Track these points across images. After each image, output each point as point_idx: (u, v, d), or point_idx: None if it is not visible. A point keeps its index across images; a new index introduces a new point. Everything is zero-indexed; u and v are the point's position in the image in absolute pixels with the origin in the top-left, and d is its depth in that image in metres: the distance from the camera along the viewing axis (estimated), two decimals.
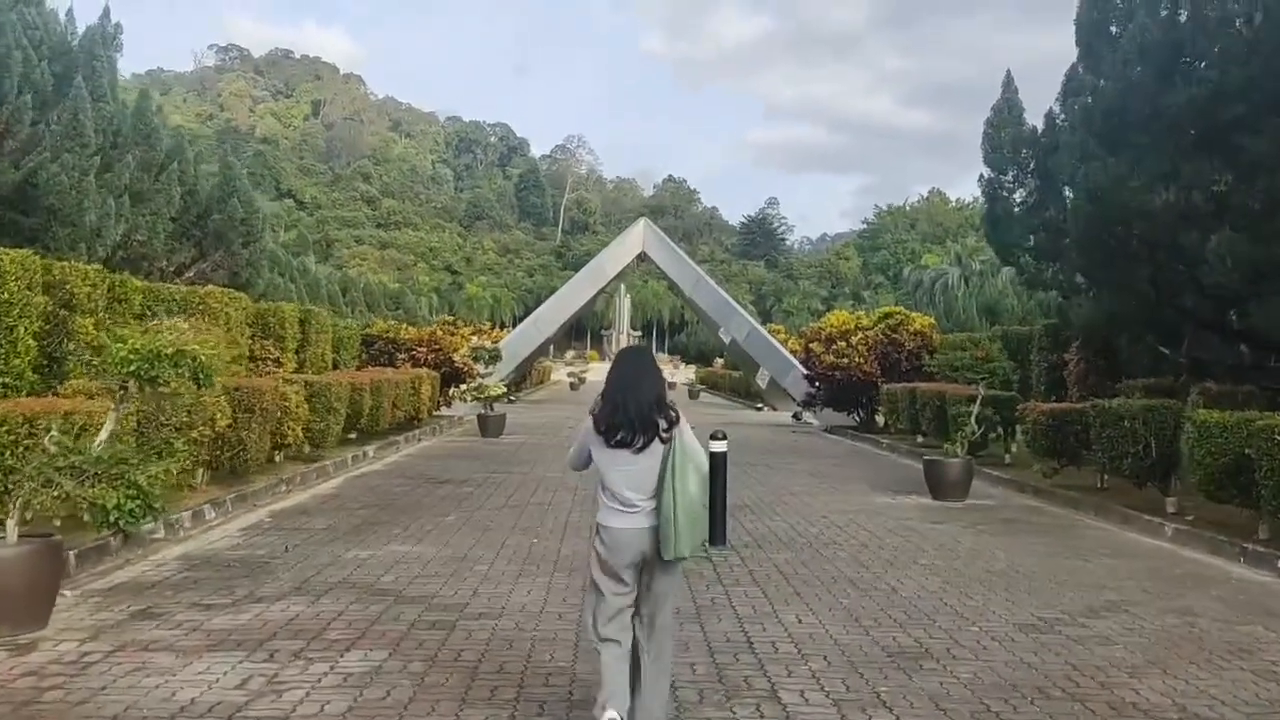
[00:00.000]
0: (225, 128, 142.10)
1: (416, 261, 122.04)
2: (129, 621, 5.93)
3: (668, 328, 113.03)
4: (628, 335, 77.56)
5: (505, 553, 8.25)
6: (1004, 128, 15.78)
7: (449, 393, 23.31)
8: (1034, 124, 15.71)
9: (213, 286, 14.34)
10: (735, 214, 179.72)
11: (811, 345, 24.96)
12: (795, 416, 28.69)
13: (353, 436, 16.60)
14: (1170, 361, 15.78)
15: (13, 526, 5.73)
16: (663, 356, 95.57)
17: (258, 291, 19.85)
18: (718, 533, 9.50)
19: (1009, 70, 16.05)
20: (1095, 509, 11.43)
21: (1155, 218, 11.05)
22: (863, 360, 23.13)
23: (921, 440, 18.75)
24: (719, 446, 9.38)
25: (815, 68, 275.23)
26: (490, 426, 20.38)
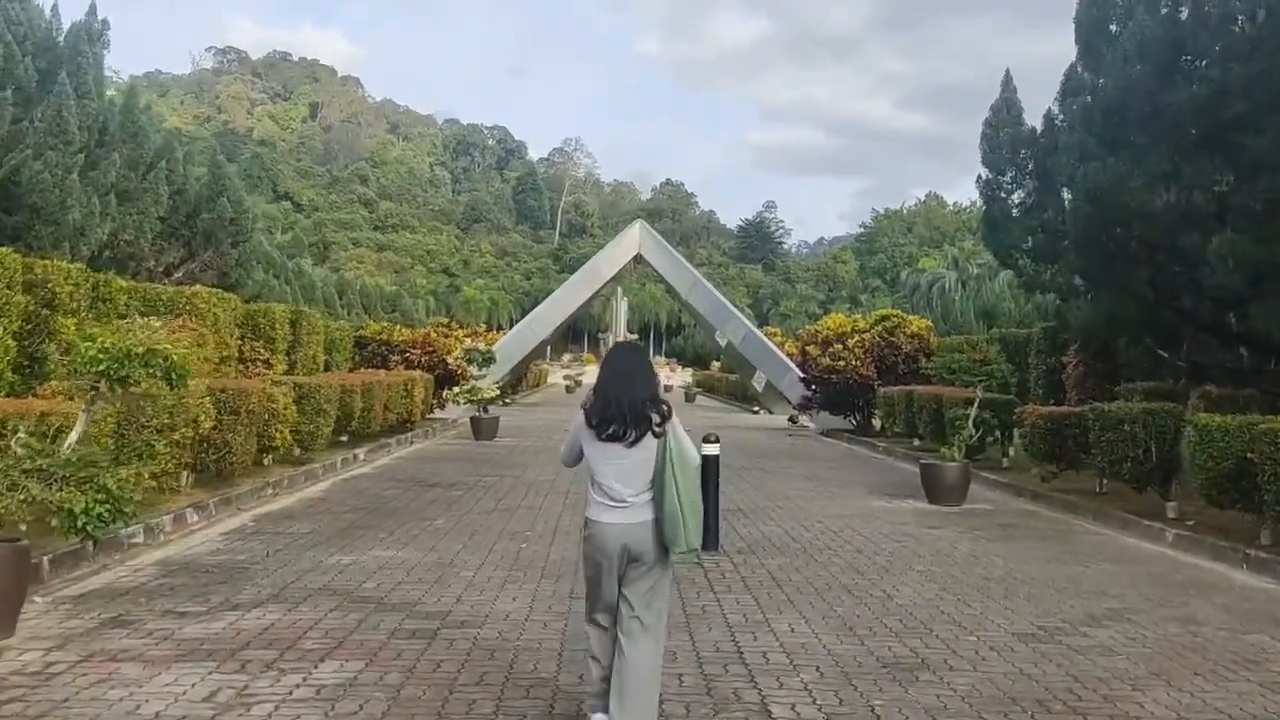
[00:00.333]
0: (223, 130, 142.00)
1: (414, 264, 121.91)
2: (98, 629, 5.74)
3: (665, 331, 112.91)
4: (625, 338, 77.28)
5: (492, 558, 8.06)
6: (1003, 128, 15.63)
7: (442, 395, 23.11)
8: (1033, 124, 15.59)
9: (200, 287, 14.15)
10: (733, 217, 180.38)
11: (808, 348, 24.81)
12: (791, 420, 28.54)
13: (344, 439, 16.44)
14: (1169, 364, 15.64)
15: None
16: (660, 359, 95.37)
17: (248, 292, 19.66)
18: (710, 538, 9.33)
19: (1008, 70, 15.90)
20: (1094, 514, 11.29)
21: (1155, 218, 10.88)
22: (859, 363, 23.00)
23: (918, 443, 18.61)
24: (712, 450, 9.15)
25: (813, 70, 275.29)
26: (483, 429, 20.19)
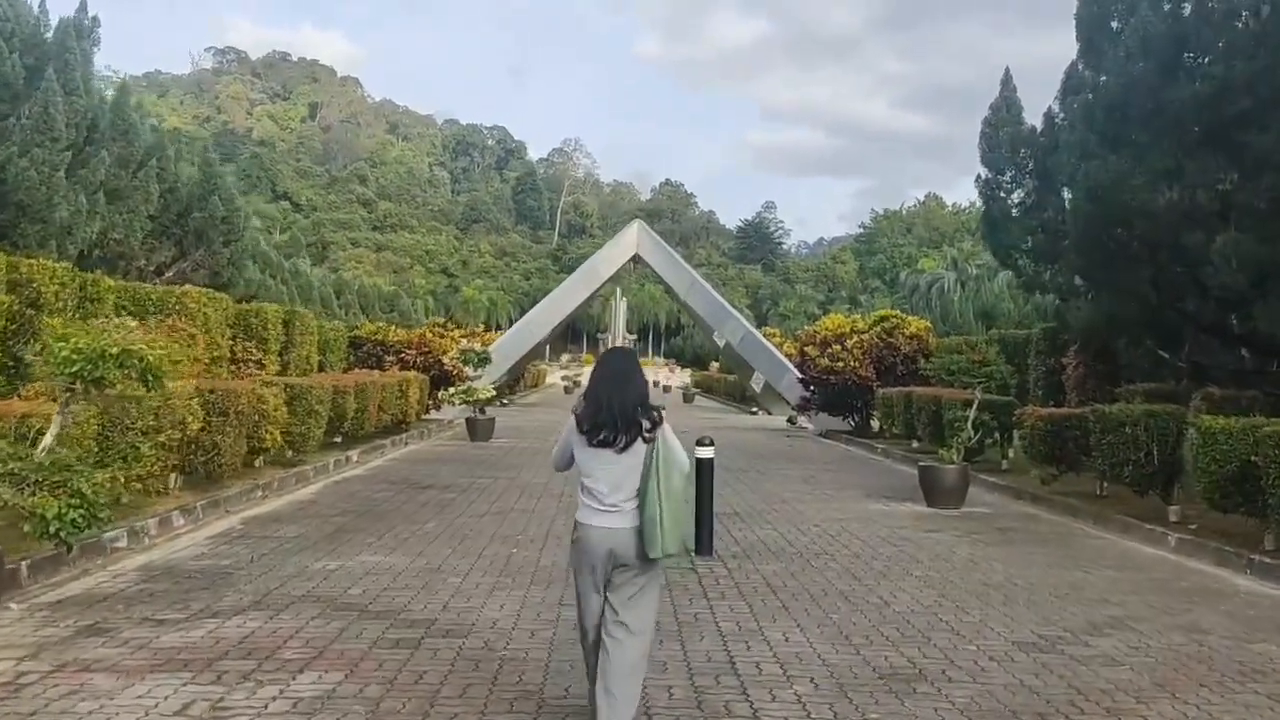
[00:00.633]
0: (222, 130, 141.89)
1: (413, 264, 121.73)
2: (73, 638, 5.58)
3: (664, 331, 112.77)
4: (623, 339, 77.06)
5: (482, 563, 7.89)
6: (1002, 127, 15.49)
7: (438, 396, 22.94)
8: (1032, 123, 15.45)
9: (190, 286, 13.98)
10: (732, 218, 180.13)
11: (807, 349, 24.66)
12: (790, 421, 28.38)
13: (337, 440, 16.29)
14: (1170, 366, 15.48)
15: None
16: (658, 360, 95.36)
17: (240, 291, 19.47)
18: (704, 542, 9.14)
19: (1007, 68, 15.76)
20: (1095, 517, 11.13)
21: (1158, 217, 10.72)
22: (858, 364, 22.85)
23: (917, 445, 18.47)
24: (706, 453, 8.94)
25: (812, 71, 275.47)
26: (479, 430, 20.01)
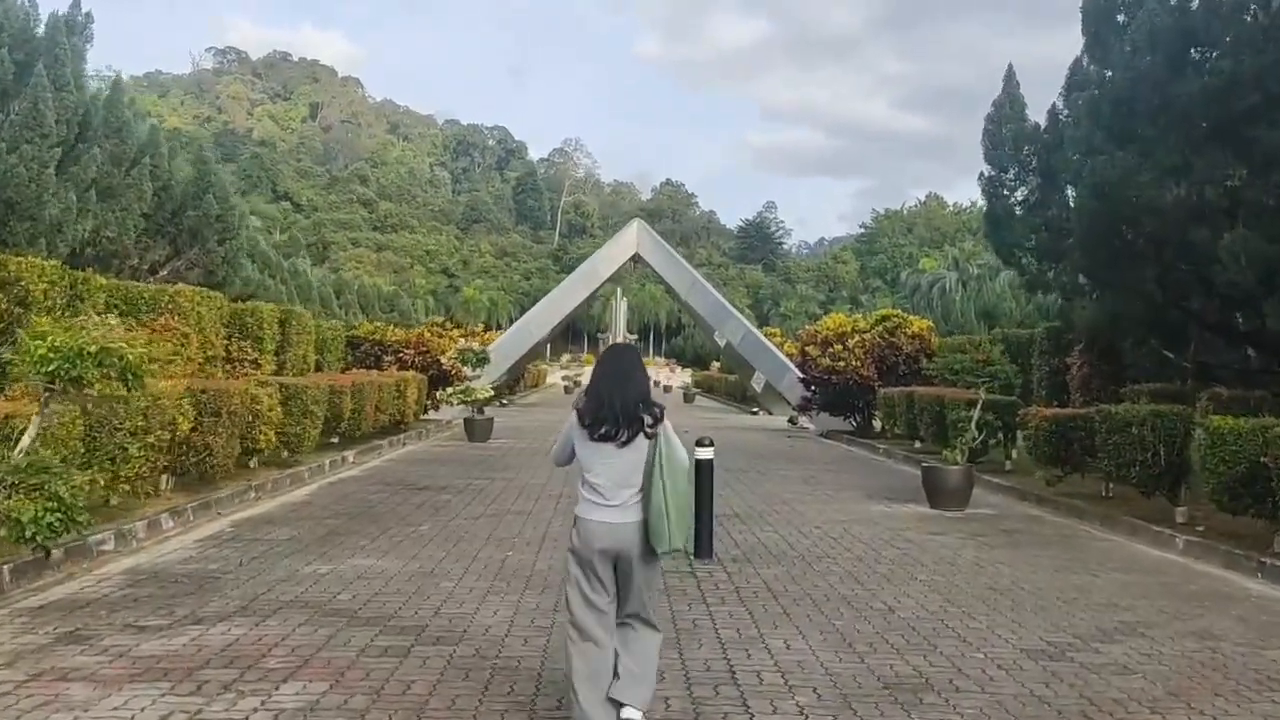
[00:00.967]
0: (223, 130, 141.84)
1: (413, 264, 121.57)
2: (52, 645, 5.41)
3: (664, 331, 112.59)
4: (624, 339, 76.89)
5: (476, 567, 7.72)
6: (1005, 124, 15.33)
7: (436, 396, 22.76)
8: (1036, 120, 15.29)
9: (183, 285, 13.79)
10: (733, 218, 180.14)
11: (808, 348, 24.47)
12: (791, 421, 28.21)
13: (334, 441, 16.13)
14: (1175, 365, 15.32)
15: None
16: (659, 360, 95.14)
17: (236, 290, 19.27)
18: (703, 545, 8.93)
19: (1010, 65, 15.62)
20: (1101, 519, 10.96)
21: (1165, 214, 10.54)
22: (859, 364, 22.67)
23: (919, 445, 18.30)
24: (705, 454, 8.72)
25: (813, 71, 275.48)
26: (477, 431, 19.84)
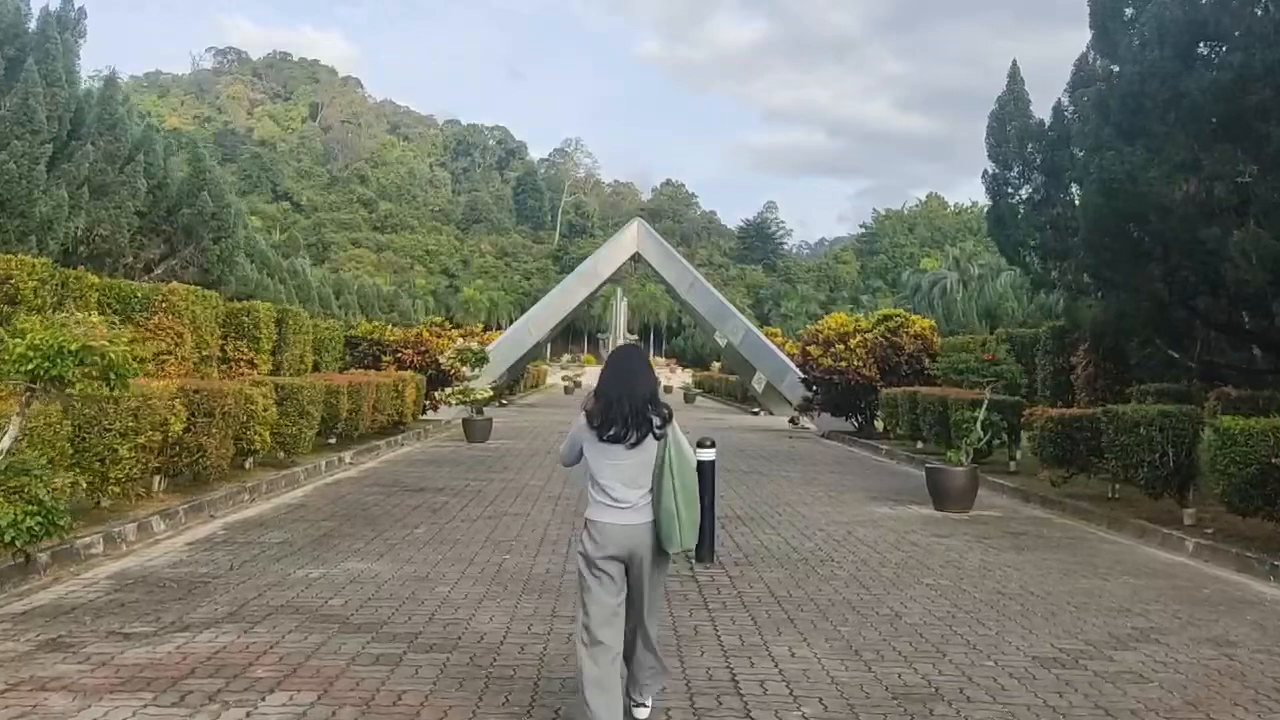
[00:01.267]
0: (223, 130, 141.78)
1: (413, 264, 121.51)
2: (33, 653, 5.24)
3: (665, 331, 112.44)
4: (624, 339, 76.72)
5: (472, 571, 7.55)
6: (1009, 121, 15.14)
7: (435, 396, 22.59)
8: (1040, 117, 15.11)
9: (177, 284, 13.62)
10: (734, 218, 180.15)
11: (809, 348, 24.28)
12: (792, 421, 28.03)
13: (332, 441, 15.97)
14: (1180, 365, 15.14)
15: None
16: (659, 360, 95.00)
17: (232, 290, 19.07)
18: (705, 548, 8.74)
19: (1014, 60, 15.42)
20: (1108, 521, 10.80)
21: (1173, 211, 10.36)
22: (861, 363, 22.49)
23: (921, 446, 18.13)
24: (706, 455, 8.53)
25: (813, 72, 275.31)
26: (476, 431, 19.66)
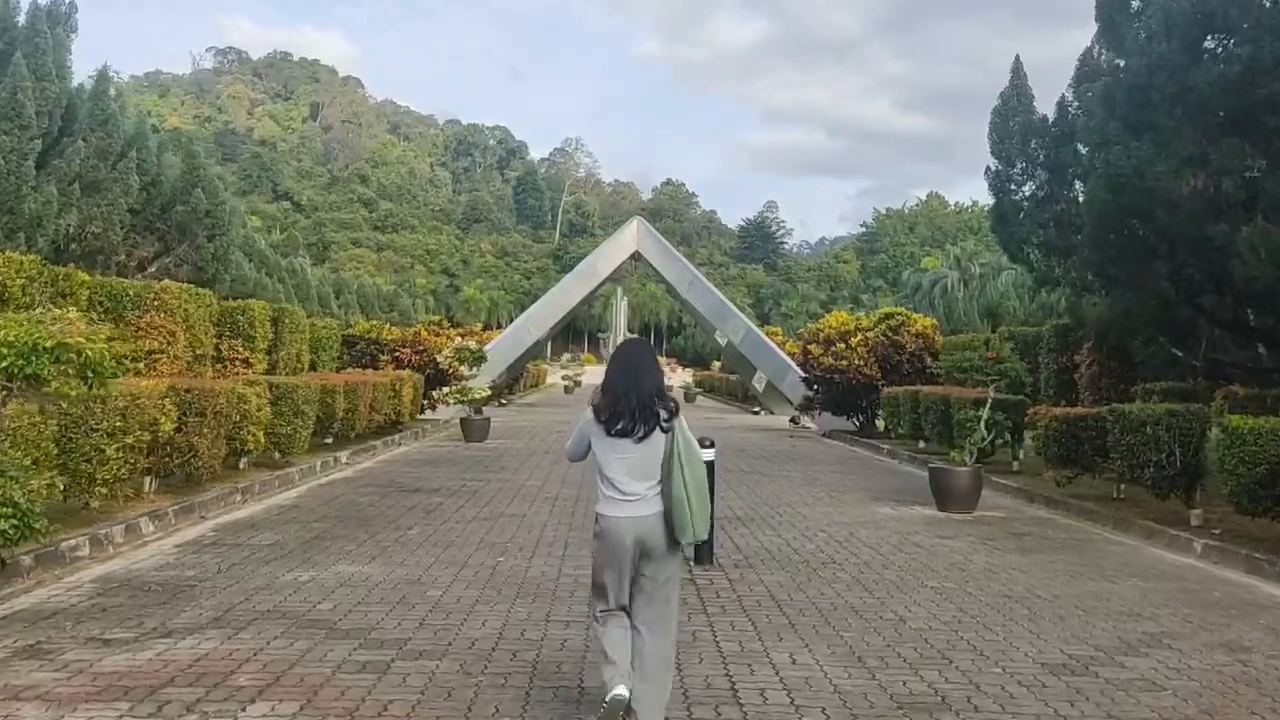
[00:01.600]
0: (223, 130, 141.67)
1: (414, 264, 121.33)
2: (9, 660, 5.07)
3: (665, 331, 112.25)
4: (625, 338, 76.72)
5: (465, 574, 7.38)
6: (1013, 117, 14.99)
7: (433, 396, 22.42)
8: (1043, 113, 14.95)
9: (170, 282, 13.45)
10: (734, 217, 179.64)
11: (810, 347, 24.10)
12: (793, 420, 27.86)
13: (328, 441, 15.81)
14: (1185, 364, 14.98)
15: None
16: (660, 359, 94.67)
17: (226, 288, 18.87)
18: (704, 550, 8.55)
19: (1017, 56, 15.29)
20: (1114, 522, 10.62)
21: (1181, 207, 10.19)
22: (863, 362, 22.31)
23: (924, 446, 17.96)
24: (706, 455, 8.36)
25: (813, 72, 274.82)
26: (474, 431, 19.49)
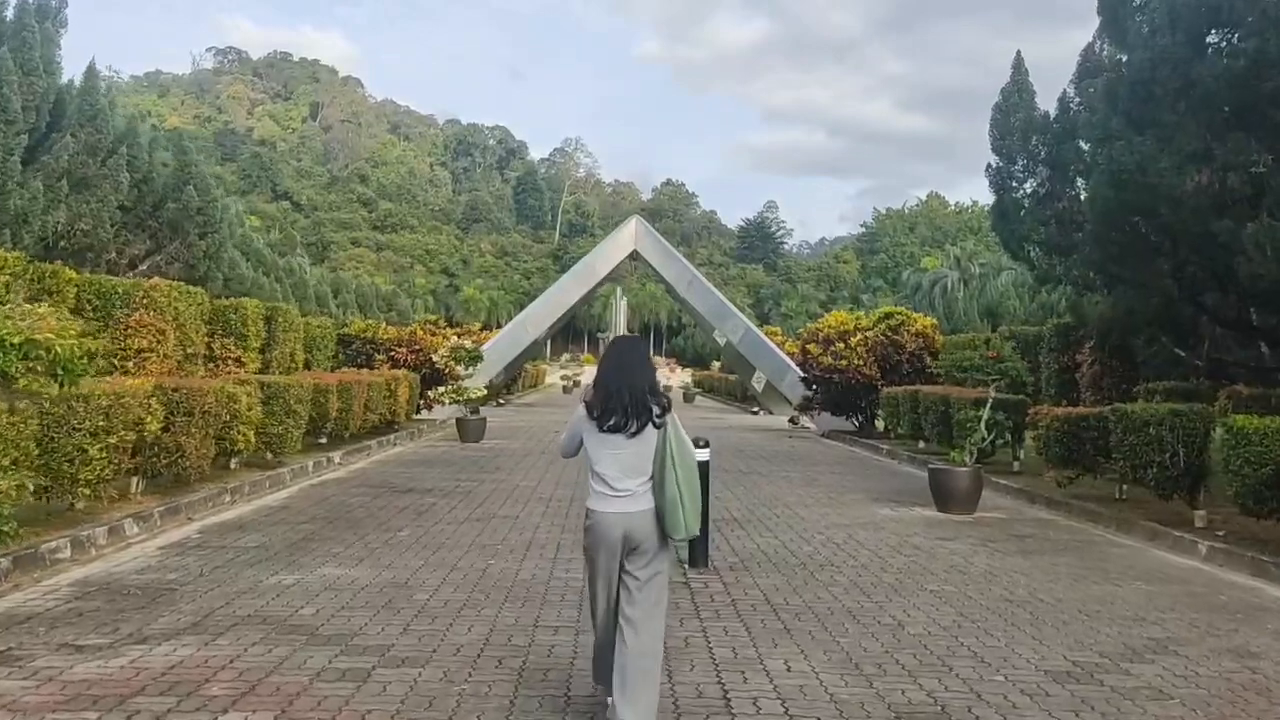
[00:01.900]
0: (223, 130, 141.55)
1: (413, 264, 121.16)
2: None
3: (665, 331, 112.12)
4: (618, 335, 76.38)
5: (454, 577, 7.21)
6: (1014, 113, 14.82)
7: (429, 395, 22.25)
8: (1045, 110, 14.78)
9: (159, 280, 13.27)
10: (734, 217, 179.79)
11: (809, 346, 23.94)
12: (792, 420, 27.69)
13: (322, 441, 15.65)
14: (1187, 363, 14.82)
15: None
16: (659, 359, 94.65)
17: (218, 286, 18.67)
18: (698, 553, 8.37)
19: (1019, 52, 15.10)
20: (1117, 523, 10.46)
21: (1184, 203, 10.02)
22: (862, 362, 22.14)
23: (923, 446, 17.80)
24: (701, 455, 8.13)
25: (813, 72, 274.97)
26: (469, 431, 19.33)
